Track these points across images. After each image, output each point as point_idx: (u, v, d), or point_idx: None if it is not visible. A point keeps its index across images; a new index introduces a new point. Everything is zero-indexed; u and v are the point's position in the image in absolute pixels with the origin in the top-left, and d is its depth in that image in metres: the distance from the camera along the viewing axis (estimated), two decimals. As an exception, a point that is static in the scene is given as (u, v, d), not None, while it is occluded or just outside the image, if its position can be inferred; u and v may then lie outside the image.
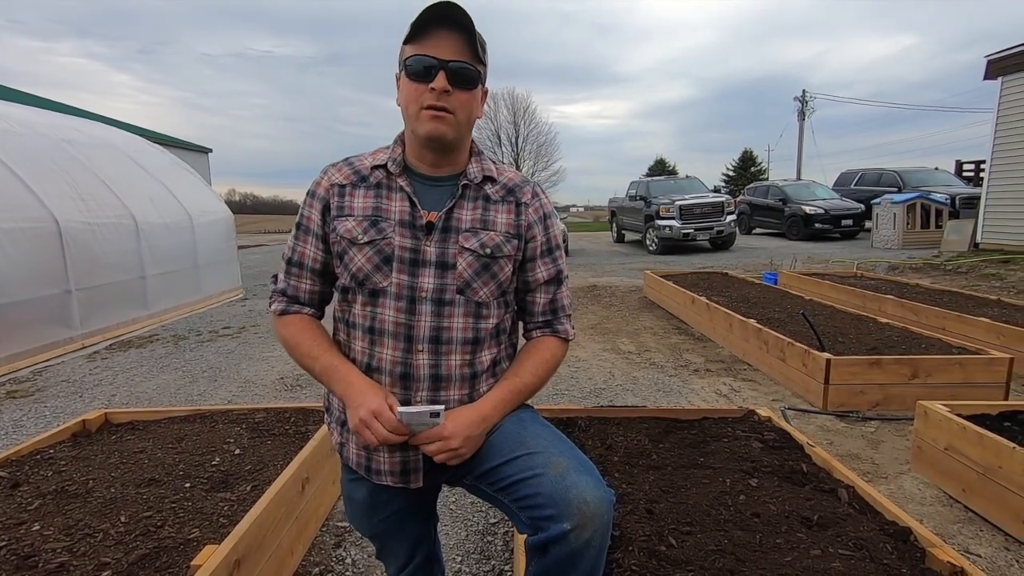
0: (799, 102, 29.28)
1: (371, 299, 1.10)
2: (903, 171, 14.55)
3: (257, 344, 5.21)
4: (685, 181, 14.92)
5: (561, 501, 0.91)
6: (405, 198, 1.12)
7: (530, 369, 1.16)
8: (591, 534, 0.91)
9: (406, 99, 1.08)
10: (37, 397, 3.85)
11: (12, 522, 1.68)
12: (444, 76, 1.03)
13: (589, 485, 0.93)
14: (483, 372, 1.14)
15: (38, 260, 4.69)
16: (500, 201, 1.16)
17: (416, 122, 1.07)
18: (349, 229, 1.11)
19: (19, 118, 5.83)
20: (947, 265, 8.78)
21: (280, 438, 2.33)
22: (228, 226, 8.06)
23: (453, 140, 1.10)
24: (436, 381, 1.10)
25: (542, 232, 1.19)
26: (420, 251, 1.10)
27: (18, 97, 14.56)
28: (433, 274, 1.09)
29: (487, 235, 1.12)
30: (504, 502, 1.03)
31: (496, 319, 1.16)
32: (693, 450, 2.15)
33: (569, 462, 0.97)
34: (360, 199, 1.13)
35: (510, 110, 33.30)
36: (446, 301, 1.10)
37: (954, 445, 2.29)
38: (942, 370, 3.21)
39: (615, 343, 5.00)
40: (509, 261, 1.15)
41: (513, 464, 1.01)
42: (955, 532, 2.07)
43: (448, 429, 1.03)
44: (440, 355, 1.10)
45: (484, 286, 1.12)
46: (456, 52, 1.04)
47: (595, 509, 0.92)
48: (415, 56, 1.04)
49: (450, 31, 1.04)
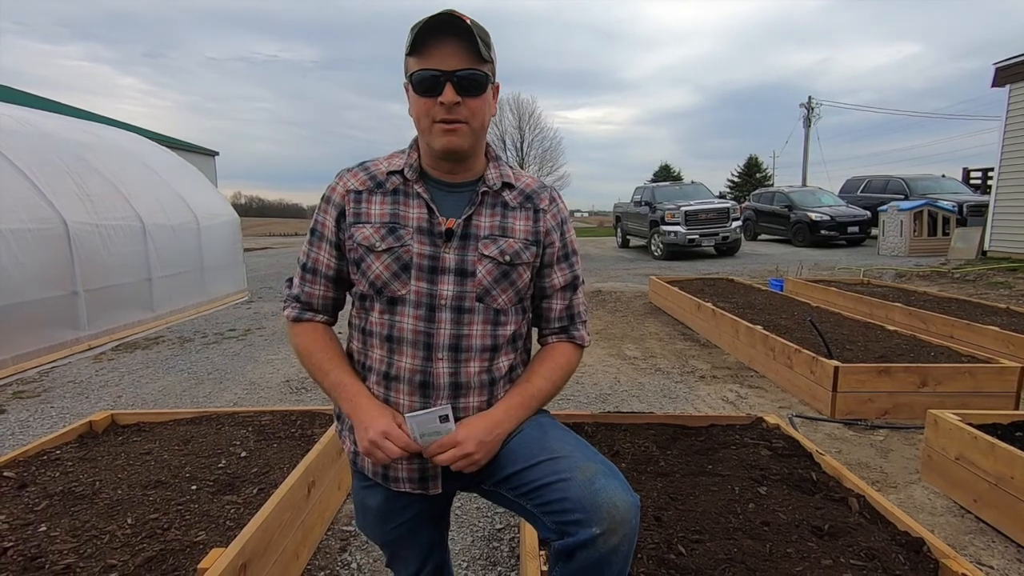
0: (805, 109, 29.26)
1: (389, 307, 1.09)
2: (910, 178, 14.50)
3: (262, 346, 5.21)
4: (690, 187, 14.88)
5: (590, 506, 0.90)
6: (423, 204, 1.10)
7: (543, 375, 1.16)
8: (620, 539, 0.90)
9: (417, 113, 1.07)
10: (44, 398, 3.86)
11: (19, 523, 1.68)
12: (451, 88, 1.01)
13: (618, 490, 0.92)
14: (501, 378, 1.13)
15: (46, 261, 4.71)
16: (518, 208, 1.15)
17: (430, 136, 1.06)
18: (367, 236, 1.10)
19: (28, 120, 5.87)
20: (955, 273, 8.73)
21: (286, 441, 2.33)
22: (234, 229, 8.09)
23: (469, 149, 1.09)
24: (456, 389, 1.09)
25: (559, 238, 1.18)
26: (439, 258, 1.09)
27: (27, 99, 14.70)
28: (452, 281, 1.09)
29: (506, 242, 1.12)
30: (526, 507, 1.02)
31: (514, 325, 1.15)
32: (701, 457, 2.13)
33: (596, 467, 0.96)
34: (377, 206, 1.11)
35: (515, 115, 33.32)
36: (465, 309, 1.09)
37: (965, 455, 2.27)
38: (952, 379, 3.18)
39: (620, 349, 4.98)
40: (527, 268, 1.14)
41: (537, 469, 0.99)
42: (967, 543, 2.05)
43: (460, 435, 1.02)
44: (459, 363, 1.09)
45: (503, 293, 1.12)
46: (460, 60, 1.02)
47: (624, 514, 0.91)
48: (419, 71, 1.02)
49: (450, 39, 1.01)
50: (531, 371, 1.17)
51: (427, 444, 1.03)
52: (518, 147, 33.21)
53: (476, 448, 1.02)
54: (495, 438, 1.05)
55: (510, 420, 1.08)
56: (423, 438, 1.03)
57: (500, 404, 1.10)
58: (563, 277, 1.20)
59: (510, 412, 1.09)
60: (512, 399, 1.11)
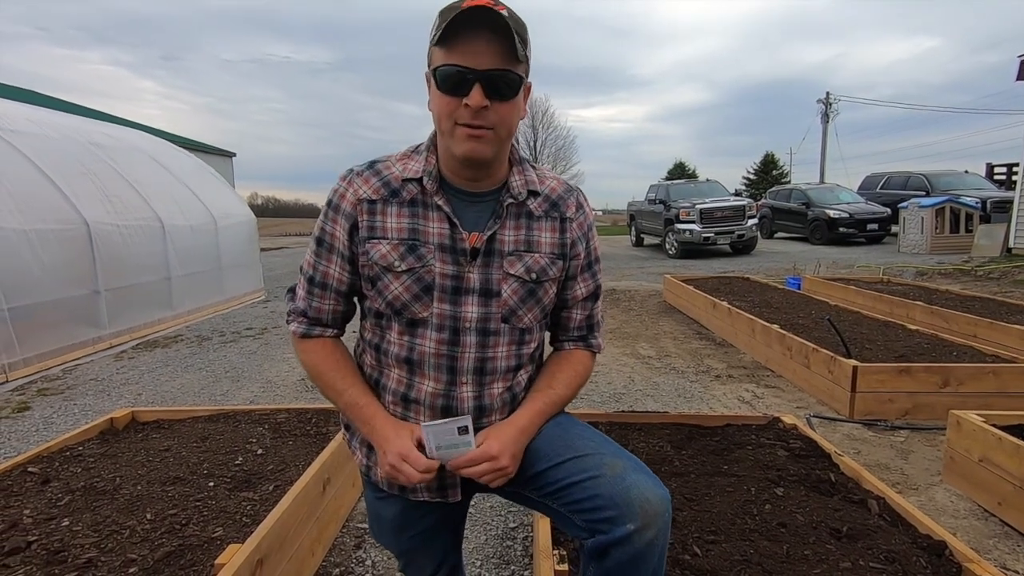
0: (823, 104, 28.85)
1: (409, 328, 1.03)
2: (931, 174, 14.20)
3: (278, 345, 5.27)
4: (705, 185, 14.75)
5: (623, 502, 0.88)
6: (444, 218, 1.01)
7: (563, 381, 1.12)
8: (655, 534, 0.89)
9: (438, 112, 0.96)
10: (67, 395, 3.95)
11: (43, 517, 1.71)
12: (480, 90, 0.90)
13: (649, 484, 0.91)
14: (520, 393, 1.11)
15: (68, 261, 4.81)
16: (543, 217, 1.07)
17: (451, 140, 0.96)
18: (384, 255, 1.01)
19: (51, 122, 6.00)
20: (978, 271, 8.54)
21: (302, 439, 2.35)
22: (251, 229, 8.19)
23: (493, 158, 0.99)
24: (479, 412, 1.05)
25: (584, 248, 1.13)
26: (463, 278, 1.02)
27: (50, 102, 15.01)
28: (477, 303, 1.02)
29: (532, 258, 1.05)
30: (553, 507, 0.99)
31: (536, 342, 1.12)
32: (716, 457, 2.11)
33: (625, 463, 0.94)
34: (393, 218, 1.01)
35: (528, 114, 33.28)
36: (491, 331, 1.03)
37: (989, 456, 2.22)
38: (975, 379, 3.11)
39: (635, 348, 4.95)
40: (553, 284, 1.09)
41: (562, 468, 0.97)
42: (991, 547, 2.00)
43: (495, 448, 0.97)
44: (483, 386, 1.05)
45: (528, 312, 1.06)
46: (493, 59, 0.91)
47: (657, 508, 0.89)
48: (445, 66, 0.91)
49: (484, 33, 0.90)
50: (552, 377, 1.13)
51: (446, 457, 0.98)
52: (531, 146, 33.19)
53: (511, 462, 0.98)
54: (522, 447, 1.02)
55: (534, 427, 1.05)
56: (440, 450, 0.98)
57: (524, 411, 1.06)
58: (586, 288, 1.15)
59: (534, 421, 1.05)
60: (535, 405, 1.07)
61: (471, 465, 0.96)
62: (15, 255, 4.31)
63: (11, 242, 4.30)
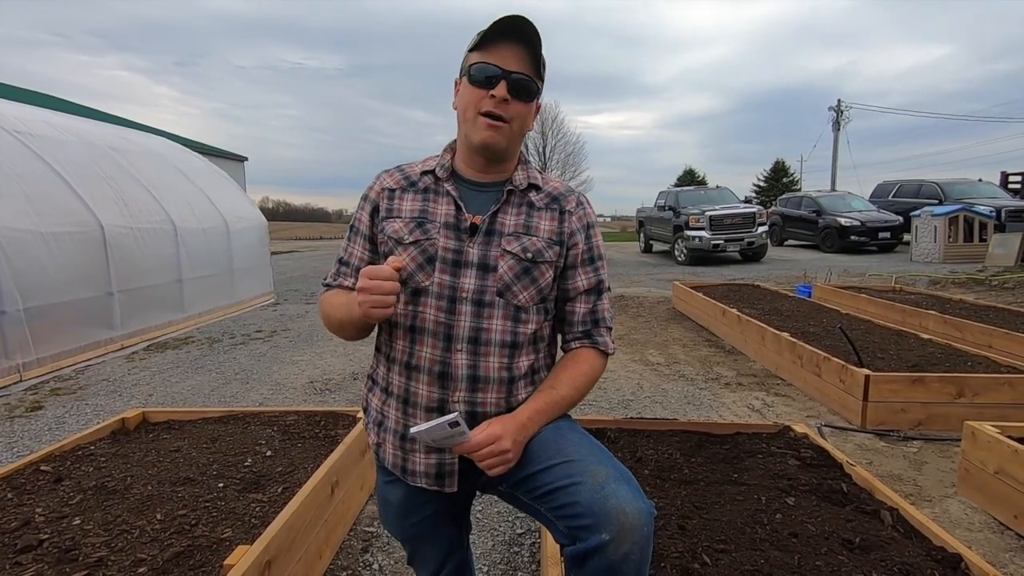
0: (834, 112, 28.69)
1: (413, 298, 1.12)
2: (944, 182, 14.05)
3: (288, 348, 5.30)
4: (715, 191, 14.70)
5: (600, 511, 0.89)
6: (451, 202, 1.15)
7: (567, 381, 1.14)
8: (630, 547, 0.89)
9: (464, 103, 1.11)
10: (79, 395, 3.99)
11: (55, 515, 1.73)
12: (505, 85, 1.07)
13: (628, 495, 0.91)
14: (520, 377, 1.13)
15: (83, 263, 4.87)
16: (544, 208, 1.18)
17: (472, 127, 1.11)
18: (396, 230, 1.14)
19: (68, 127, 6.09)
20: (992, 280, 8.43)
21: (310, 441, 2.35)
22: (262, 232, 8.26)
23: (505, 149, 1.13)
24: (474, 382, 1.10)
25: (584, 240, 1.19)
26: (463, 252, 1.12)
27: (68, 107, 15.25)
28: (474, 275, 1.11)
29: (529, 240, 1.14)
30: (541, 511, 1.02)
31: (535, 325, 1.15)
32: (726, 466, 2.09)
33: (608, 471, 0.95)
34: (408, 202, 1.17)
35: (538, 120, 33.35)
36: (486, 302, 1.11)
37: (1005, 469, 2.18)
38: (990, 389, 3.07)
39: (643, 354, 4.93)
40: (550, 267, 1.15)
41: (550, 472, 0.99)
42: (1007, 561, 1.97)
43: (498, 430, 1.02)
44: (478, 356, 1.10)
45: (524, 290, 1.13)
46: (519, 64, 1.08)
47: (634, 520, 0.89)
48: (479, 64, 1.08)
49: (516, 44, 1.08)
50: (556, 377, 1.16)
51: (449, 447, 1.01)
52: (540, 152, 33.25)
53: (512, 446, 1.02)
54: (524, 440, 1.05)
55: (535, 424, 1.08)
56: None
57: (526, 408, 1.09)
58: (587, 280, 1.20)
59: (534, 417, 1.08)
60: (537, 404, 1.10)
61: (477, 449, 1.00)
62: (31, 256, 4.37)
63: (27, 244, 4.36)
